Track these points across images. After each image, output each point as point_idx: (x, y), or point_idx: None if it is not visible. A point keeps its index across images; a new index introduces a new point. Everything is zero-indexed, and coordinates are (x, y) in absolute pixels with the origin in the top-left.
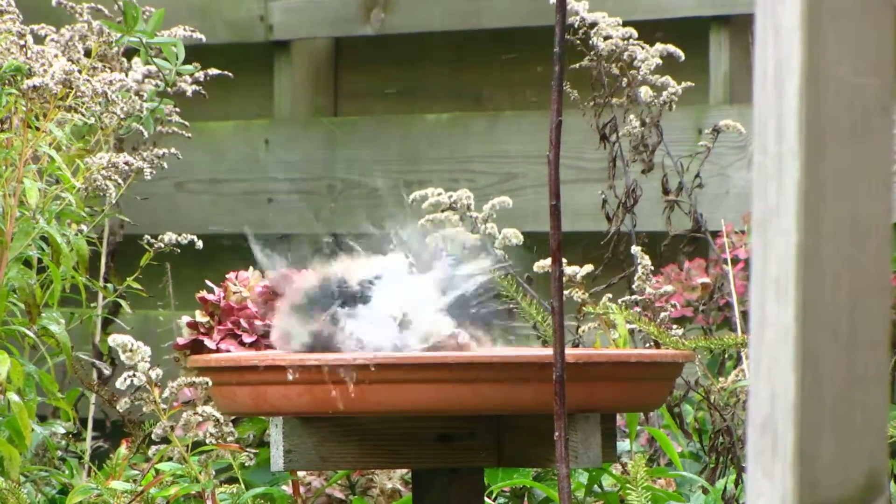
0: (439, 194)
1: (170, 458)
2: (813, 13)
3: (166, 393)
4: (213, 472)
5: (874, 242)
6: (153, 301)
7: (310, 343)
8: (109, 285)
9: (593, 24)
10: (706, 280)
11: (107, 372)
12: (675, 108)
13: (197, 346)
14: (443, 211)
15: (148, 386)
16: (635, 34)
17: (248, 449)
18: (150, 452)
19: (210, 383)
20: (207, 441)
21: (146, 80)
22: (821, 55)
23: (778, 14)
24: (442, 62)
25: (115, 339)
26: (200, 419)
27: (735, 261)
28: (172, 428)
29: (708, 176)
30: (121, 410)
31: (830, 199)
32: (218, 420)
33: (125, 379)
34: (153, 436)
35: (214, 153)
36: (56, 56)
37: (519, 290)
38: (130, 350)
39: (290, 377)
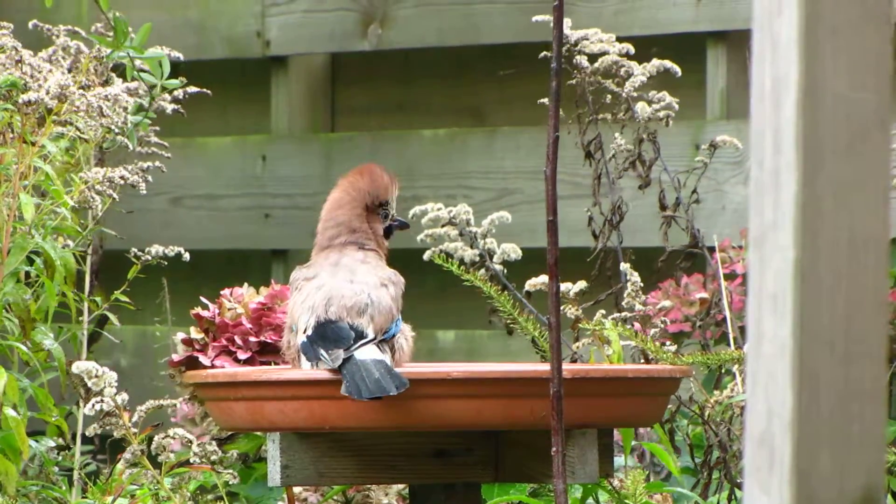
0: (439, 209)
1: (140, 485)
2: (810, 29)
3: (135, 417)
4: (189, 494)
5: (871, 257)
6: (150, 316)
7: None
8: (98, 299)
9: (577, 42)
10: (704, 295)
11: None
12: (673, 124)
13: (192, 363)
14: (442, 226)
15: (117, 411)
16: (632, 49)
17: (227, 470)
18: (123, 476)
19: (177, 405)
20: (192, 461)
21: (131, 95)
22: (818, 70)
23: (775, 29)
24: (439, 78)
25: (78, 366)
26: (172, 441)
27: (733, 276)
28: (143, 452)
29: (705, 191)
30: (89, 435)
31: (828, 214)
32: (191, 441)
33: (93, 405)
34: (123, 461)
35: (212, 168)
36: (50, 71)
37: (517, 305)
38: (96, 376)
39: (287, 393)
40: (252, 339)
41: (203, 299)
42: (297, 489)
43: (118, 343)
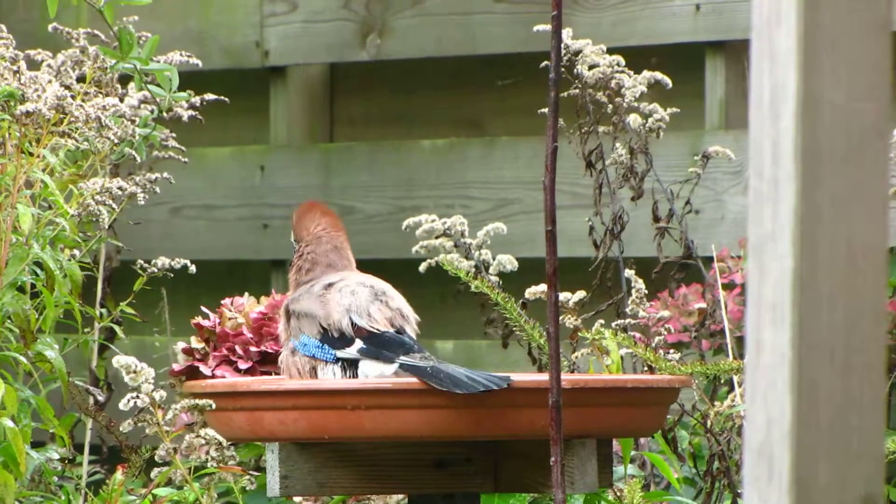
0: (433, 221)
1: (170, 481)
2: (809, 39)
3: (169, 415)
4: (216, 496)
5: (870, 267)
6: (149, 327)
7: None
8: (104, 310)
9: (578, 52)
10: (703, 305)
11: (101, 398)
12: (671, 134)
13: (192, 373)
14: (437, 237)
15: (151, 408)
16: (622, 61)
17: (249, 472)
18: (152, 474)
19: (213, 405)
20: (209, 464)
21: (142, 106)
22: (817, 80)
23: (774, 40)
24: (438, 88)
25: (118, 361)
26: (203, 442)
27: (731, 286)
28: (175, 450)
29: (704, 201)
30: (124, 432)
31: (826, 223)
32: (220, 444)
33: (128, 401)
34: (156, 457)
35: (210, 179)
36: (49, 82)
37: (519, 314)
38: (134, 371)
39: (287, 403)
40: (253, 348)
41: (204, 309)
42: (296, 499)
43: (117, 353)
